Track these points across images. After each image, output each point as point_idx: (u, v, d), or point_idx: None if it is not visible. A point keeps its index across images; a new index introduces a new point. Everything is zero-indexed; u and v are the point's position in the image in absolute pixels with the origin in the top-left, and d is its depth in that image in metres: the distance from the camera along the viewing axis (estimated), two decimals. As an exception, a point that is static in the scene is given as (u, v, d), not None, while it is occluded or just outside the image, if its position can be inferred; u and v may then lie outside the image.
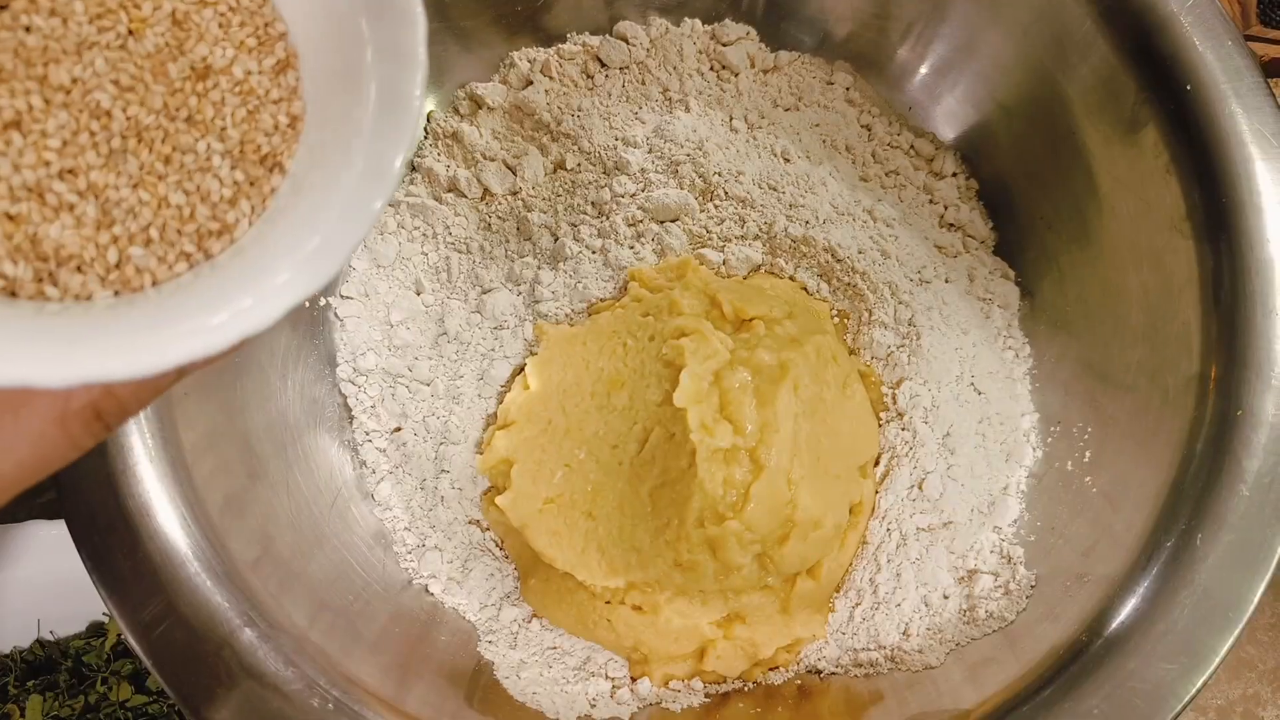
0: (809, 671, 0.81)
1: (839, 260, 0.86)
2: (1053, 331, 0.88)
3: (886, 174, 0.93)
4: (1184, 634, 0.68)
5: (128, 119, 0.41)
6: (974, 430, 0.84)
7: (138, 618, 0.66)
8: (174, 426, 0.70)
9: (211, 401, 0.75)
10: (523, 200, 0.91)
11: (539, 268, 0.88)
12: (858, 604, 0.81)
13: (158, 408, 0.69)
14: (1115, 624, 0.70)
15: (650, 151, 0.89)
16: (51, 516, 0.91)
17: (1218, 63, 0.76)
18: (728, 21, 0.95)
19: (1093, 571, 0.74)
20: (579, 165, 0.90)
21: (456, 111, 0.95)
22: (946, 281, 0.89)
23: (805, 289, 0.88)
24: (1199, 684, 0.66)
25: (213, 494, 0.71)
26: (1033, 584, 0.78)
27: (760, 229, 0.87)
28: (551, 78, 0.94)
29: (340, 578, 0.79)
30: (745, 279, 0.88)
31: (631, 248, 0.87)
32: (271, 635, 0.68)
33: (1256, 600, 0.68)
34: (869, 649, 0.80)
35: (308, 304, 0.86)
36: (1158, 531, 0.72)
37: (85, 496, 0.67)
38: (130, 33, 0.42)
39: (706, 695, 0.81)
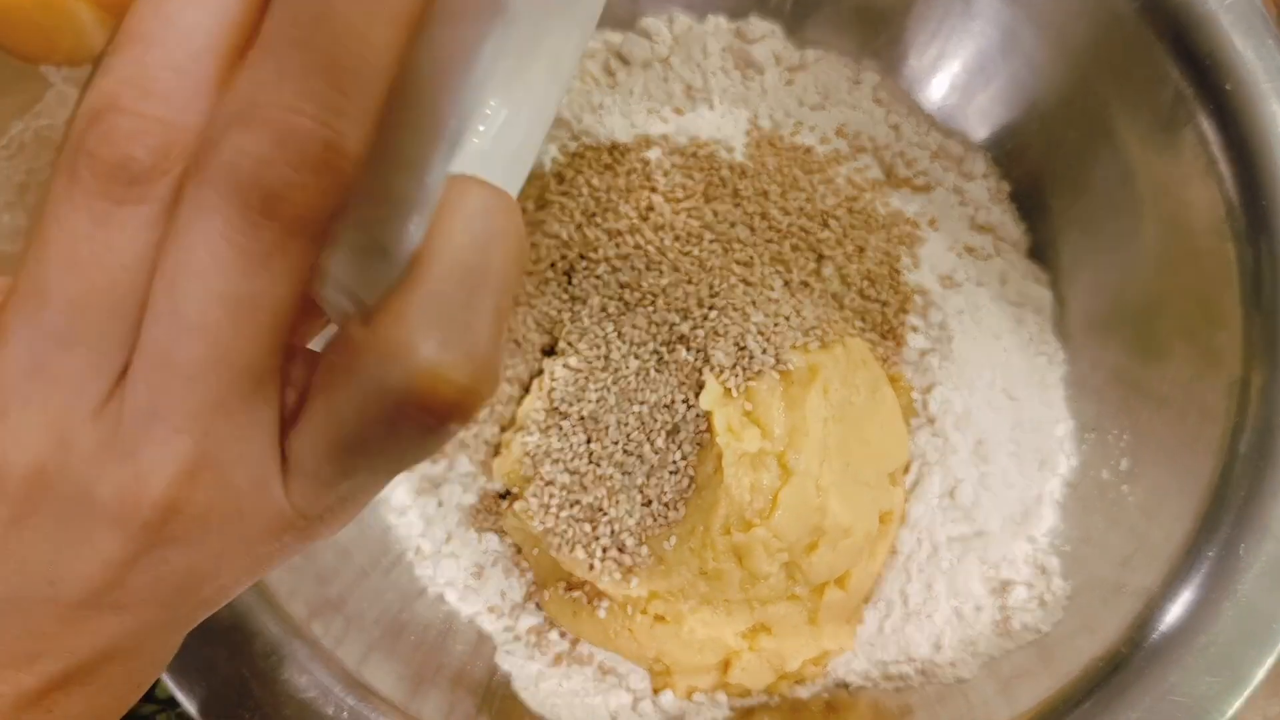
0: (837, 685, 0.79)
1: (867, 262, 0.85)
2: (1087, 336, 0.86)
3: (915, 175, 0.91)
4: (1226, 647, 0.66)
5: None
6: (1007, 437, 0.82)
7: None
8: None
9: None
10: (543, 199, 0.89)
11: (559, 268, 0.86)
12: (887, 615, 0.79)
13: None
14: (1155, 636, 0.68)
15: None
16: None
17: (1258, 61, 0.75)
18: (753, 18, 0.93)
19: (1131, 582, 0.72)
20: (600, 164, 0.89)
21: (476, 109, 0.93)
22: (978, 285, 0.87)
23: (832, 291, 0.86)
24: (1243, 698, 0.65)
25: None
26: (1068, 595, 0.76)
27: (786, 230, 0.86)
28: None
29: (355, 585, 0.77)
30: (771, 281, 0.86)
31: (654, 248, 0.85)
32: (285, 642, 0.66)
33: (1303, 613, 0.66)
34: (899, 662, 0.78)
35: (323, 303, 0.84)
36: (1198, 541, 0.70)
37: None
38: None
39: (731, 709, 0.78)
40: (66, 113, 1.07)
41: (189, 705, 0.63)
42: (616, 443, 0.77)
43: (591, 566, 0.76)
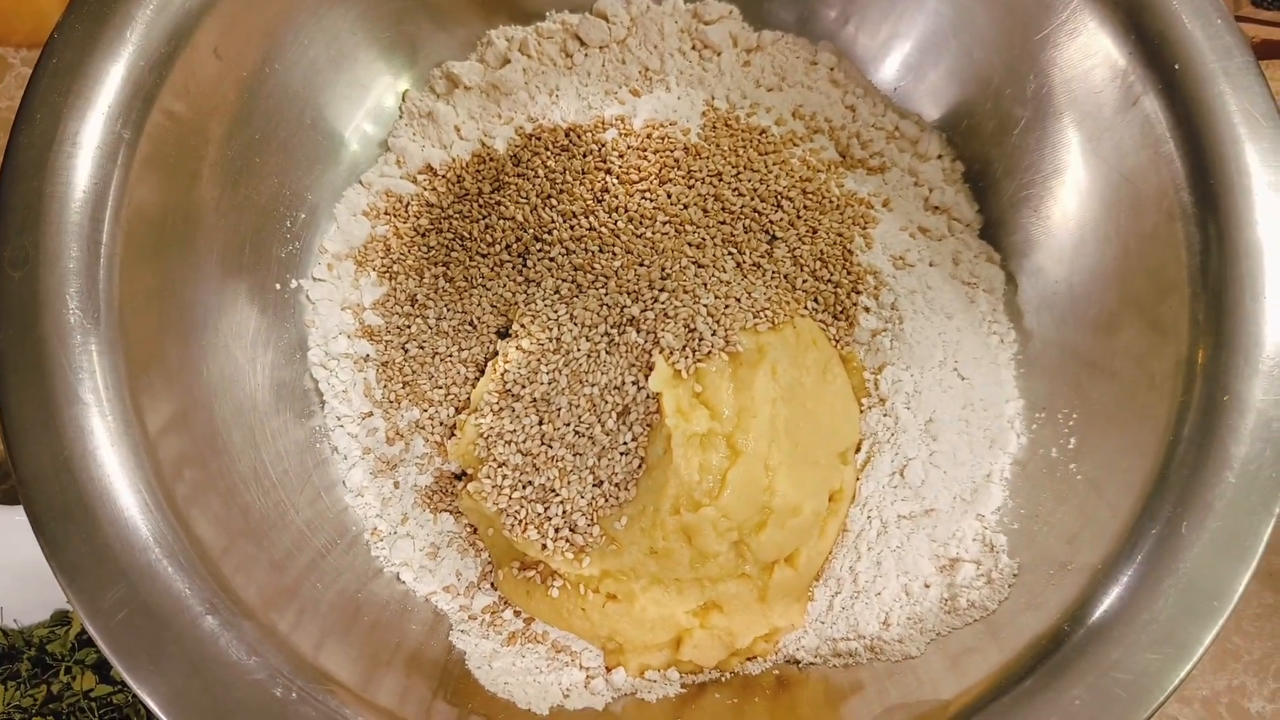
0: (787, 661, 0.80)
1: (821, 243, 0.85)
2: (1038, 316, 0.86)
3: (870, 156, 0.91)
4: (1168, 624, 0.66)
5: None
6: (957, 416, 0.82)
7: (97, 605, 0.64)
8: (137, 409, 0.68)
9: (176, 384, 0.73)
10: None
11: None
12: (837, 593, 0.80)
13: (120, 389, 0.67)
14: (1098, 613, 0.68)
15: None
16: (12, 503, 0.89)
17: (1206, 41, 0.75)
18: (710, 0, 0.93)
19: (1076, 560, 0.73)
20: (556, 145, 0.89)
21: (432, 91, 0.93)
22: (930, 265, 0.87)
23: (786, 272, 0.86)
24: (1183, 674, 0.65)
25: (177, 479, 0.69)
26: (1015, 572, 0.77)
27: (741, 211, 0.86)
28: (530, 56, 0.92)
29: (310, 566, 0.77)
30: (725, 262, 0.86)
31: (610, 230, 0.85)
32: (235, 623, 0.66)
33: (1242, 589, 0.66)
34: (848, 639, 0.78)
35: (278, 285, 0.84)
36: (1143, 519, 0.70)
37: (43, 481, 0.65)
38: None
39: (682, 686, 0.79)
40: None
41: (141, 692, 0.63)
42: (568, 424, 0.78)
43: (544, 546, 0.77)
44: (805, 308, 0.83)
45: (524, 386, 0.79)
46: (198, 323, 0.76)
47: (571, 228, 0.84)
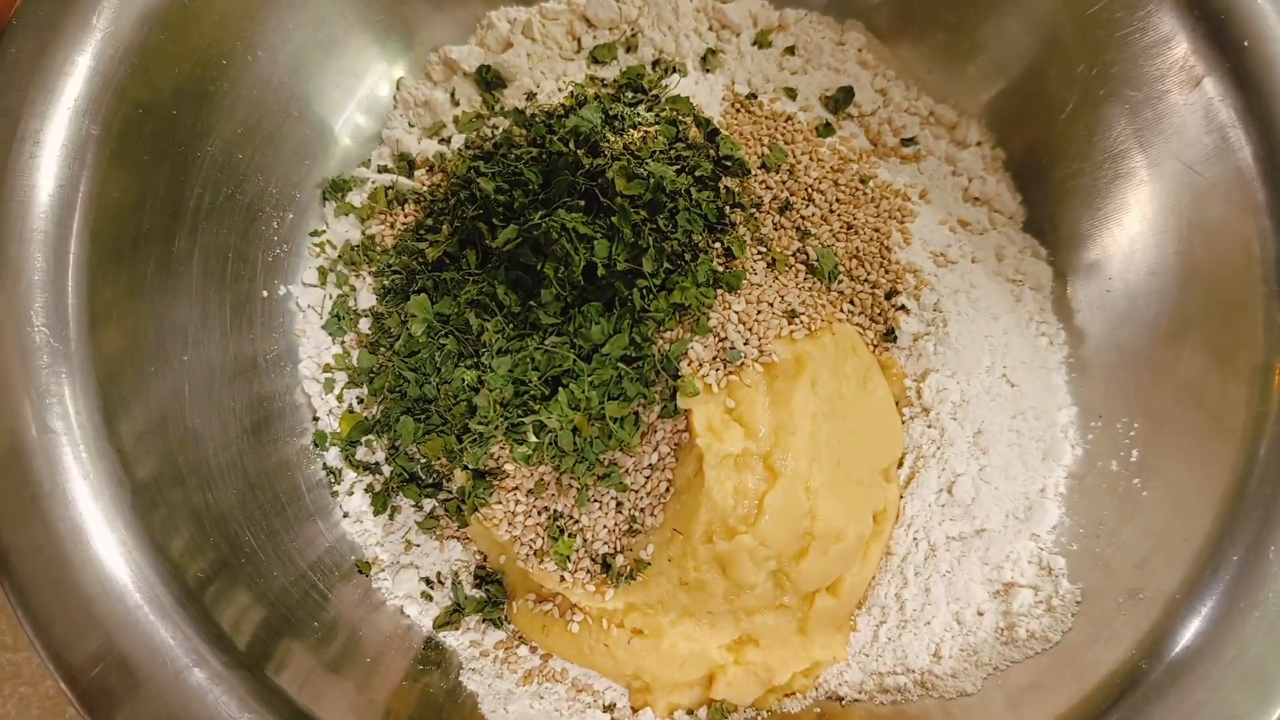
0: (829, 698, 0.74)
1: (855, 239, 0.78)
2: (1090, 315, 0.80)
3: (904, 143, 0.85)
4: (1257, 660, 0.61)
5: None
6: (1007, 427, 0.76)
7: (70, 659, 0.58)
8: (112, 436, 0.61)
9: (154, 406, 0.67)
10: (503, 175, 0.83)
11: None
12: (883, 622, 0.74)
13: (92, 415, 0.61)
14: (1178, 648, 0.63)
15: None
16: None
17: (1278, 15, 0.69)
18: (727, -25, 0.87)
19: (1149, 587, 0.67)
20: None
21: (429, 77, 0.86)
22: (973, 261, 0.81)
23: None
24: (1275, 716, 0.59)
25: (157, 512, 0.62)
26: (1078, 599, 0.71)
27: (767, 205, 0.79)
28: (534, 40, 0.85)
29: (305, 601, 0.71)
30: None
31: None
32: (225, 676, 0.60)
33: (1338, 619, 0.61)
34: (896, 672, 0.72)
35: (265, 293, 0.78)
36: (1222, 542, 0.65)
37: (8, 519, 0.58)
38: None
39: (716, 726, 0.73)
40: None
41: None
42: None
43: (563, 578, 0.70)
44: (841, 310, 0.76)
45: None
46: (177, 336, 0.70)
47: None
